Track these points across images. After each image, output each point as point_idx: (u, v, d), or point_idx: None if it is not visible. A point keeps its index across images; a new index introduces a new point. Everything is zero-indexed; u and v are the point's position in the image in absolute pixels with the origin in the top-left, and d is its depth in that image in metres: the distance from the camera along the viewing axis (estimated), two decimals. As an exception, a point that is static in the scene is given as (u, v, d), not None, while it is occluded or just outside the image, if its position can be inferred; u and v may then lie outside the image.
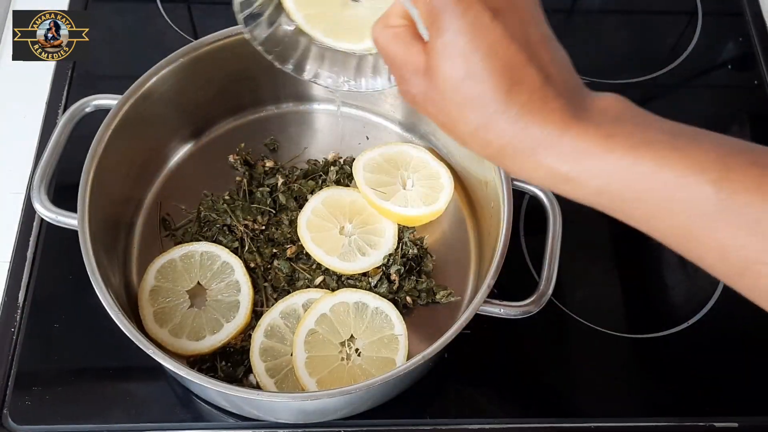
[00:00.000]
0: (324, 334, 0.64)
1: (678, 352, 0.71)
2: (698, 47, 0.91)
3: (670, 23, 0.94)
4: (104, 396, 0.66)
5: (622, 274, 0.75)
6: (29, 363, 0.67)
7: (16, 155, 0.78)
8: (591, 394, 0.69)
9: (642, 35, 0.94)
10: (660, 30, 0.94)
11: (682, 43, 0.91)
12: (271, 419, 0.65)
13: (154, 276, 0.68)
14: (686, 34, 0.92)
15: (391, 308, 0.66)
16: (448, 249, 0.73)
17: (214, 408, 0.66)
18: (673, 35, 0.92)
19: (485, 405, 0.68)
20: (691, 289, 0.75)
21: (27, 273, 0.71)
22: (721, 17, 0.94)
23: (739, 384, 0.70)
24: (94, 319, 0.62)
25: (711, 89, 0.90)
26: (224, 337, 0.65)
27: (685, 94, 0.89)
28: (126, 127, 0.67)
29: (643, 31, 0.94)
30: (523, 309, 0.60)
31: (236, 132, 0.79)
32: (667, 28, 0.94)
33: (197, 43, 0.70)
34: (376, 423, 0.66)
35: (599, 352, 0.71)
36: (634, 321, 0.72)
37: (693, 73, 0.91)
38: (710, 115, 0.87)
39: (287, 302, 0.67)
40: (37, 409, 0.65)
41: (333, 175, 0.75)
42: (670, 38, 0.92)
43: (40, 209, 0.63)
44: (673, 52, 0.90)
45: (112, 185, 0.67)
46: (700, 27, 0.92)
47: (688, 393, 0.69)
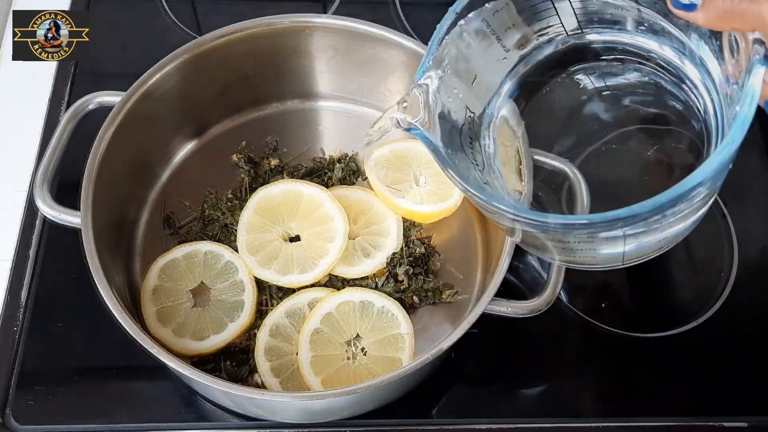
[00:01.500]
0: (329, 333, 0.64)
1: (686, 352, 0.71)
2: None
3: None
4: (107, 396, 0.66)
5: (630, 272, 0.74)
6: (32, 362, 0.66)
7: (19, 153, 0.78)
8: (598, 393, 0.69)
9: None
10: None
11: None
12: (276, 419, 0.65)
13: (156, 275, 0.67)
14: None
15: (396, 307, 0.66)
16: (455, 247, 0.73)
17: (219, 408, 0.65)
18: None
19: (492, 405, 0.67)
20: (699, 287, 0.75)
21: (29, 271, 0.71)
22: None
23: (749, 383, 0.69)
24: (97, 318, 0.61)
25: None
26: (228, 336, 0.65)
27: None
28: (129, 125, 0.66)
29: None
30: (531, 308, 0.59)
31: (240, 129, 0.78)
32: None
33: (201, 40, 0.70)
34: (381, 423, 0.65)
35: (606, 351, 0.70)
36: (642, 320, 0.71)
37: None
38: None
39: (292, 301, 0.66)
40: (39, 409, 0.64)
41: (338, 172, 0.74)
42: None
43: (43, 207, 0.63)
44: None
45: (115, 183, 0.67)
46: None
47: (696, 393, 0.69)
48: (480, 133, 0.59)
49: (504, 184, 0.59)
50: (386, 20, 0.74)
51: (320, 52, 0.75)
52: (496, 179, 0.58)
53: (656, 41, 0.55)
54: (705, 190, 0.47)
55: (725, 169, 0.47)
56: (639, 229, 0.49)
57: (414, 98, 0.55)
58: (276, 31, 0.72)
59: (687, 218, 0.52)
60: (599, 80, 0.60)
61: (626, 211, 0.45)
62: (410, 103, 0.55)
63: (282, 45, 0.74)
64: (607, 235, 0.50)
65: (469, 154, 0.57)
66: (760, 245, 0.77)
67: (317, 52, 0.75)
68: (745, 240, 0.76)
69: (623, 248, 0.52)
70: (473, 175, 0.55)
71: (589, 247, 0.53)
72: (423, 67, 0.56)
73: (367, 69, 0.76)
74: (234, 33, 0.71)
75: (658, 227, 0.50)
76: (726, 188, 0.79)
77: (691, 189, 0.44)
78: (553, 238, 0.54)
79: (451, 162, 0.53)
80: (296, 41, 0.74)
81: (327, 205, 0.69)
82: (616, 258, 0.54)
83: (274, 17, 0.72)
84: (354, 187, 0.74)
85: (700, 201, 0.50)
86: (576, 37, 0.58)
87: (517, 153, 0.61)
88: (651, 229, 0.50)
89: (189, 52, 0.69)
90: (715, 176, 0.45)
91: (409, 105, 0.55)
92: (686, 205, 0.48)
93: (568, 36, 0.58)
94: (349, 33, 0.72)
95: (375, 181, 0.71)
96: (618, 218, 0.45)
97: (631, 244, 0.52)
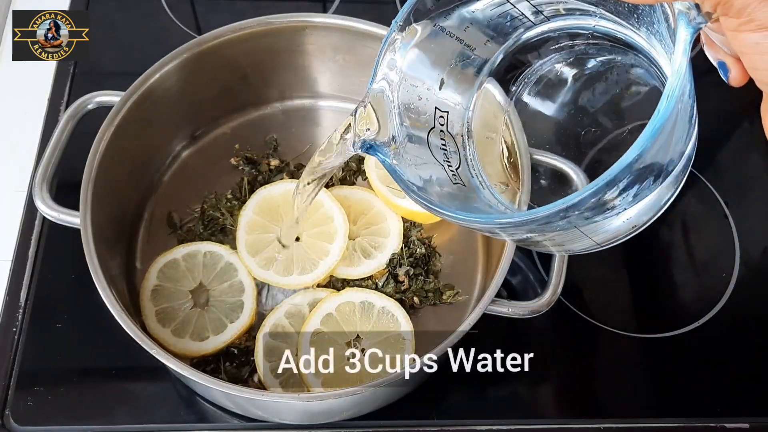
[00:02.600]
0: (329, 334, 0.64)
1: (688, 352, 0.70)
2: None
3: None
4: (107, 396, 0.66)
5: (632, 273, 0.74)
6: (31, 363, 0.66)
7: (18, 153, 0.77)
8: (600, 394, 0.69)
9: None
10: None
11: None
12: (276, 420, 0.65)
13: (156, 275, 0.67)
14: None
15: (397, 308, 0.65)
16: (456, 248, 0.72)
17: (219, 409, 0.65)
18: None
19: (492, 405, 0.67)
20: (701, 288, 0.74)
21: (29, 272, 0.70)
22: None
23: (750, 384, 0.69)
24: (96, 318, 0.61)
25: (721, 85, 0.89)
26: (228, 337, 0.65)
27: (695, 90, 0.88)
28: (129, 124, 0.66)
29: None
30: (532, 308, 0.59)
31: (240, 129, 0.78)
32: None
33: (200, 40, 0.70)
34: (382, 424, 0.65)
35: (608, 352, 0.70)
36: (644, 320, 0.71)
37: (704, 68, 0.90)
38: (721, 111, 0.86)
39: (292, 302, 0.66)
40: (39, 410, 0.64)
41: (339, 172, 0.74)
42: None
43: (42, 207, 0.62)
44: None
45: (115, 183, 0.66)
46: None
47: (698, 393, 0.68)
48: (454, 131, 0.57)
49: (485, 180, 0.57)
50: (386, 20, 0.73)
51: (320, 51, 0.75)
52: (475, 176, 0.57)
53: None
54: (635, 174, 0.41)
55: (664, 145, 0.42)
56: (592, 218, 0.44)
57: (368, 110, 0.53)
58: (276, 30, 0.72)
59: (645, 198, 0.46)
60: (576, 67, 0.57)
61: (561, 202, 0.40)
62: (365, 114, 0.53)
63: (282, 44, 0.74)
64: (557, 228, 0.46)
65: (438, 156, 0.55)
66: (762, 246, 0.77)
67: (317, 52, 0.75)
68: (746, 241, 0.76)
69: (588, 238, 0.49)
70: (439, 184, 0.53)
71: (550, 237, 0.49)
72: (374, 73, 0.54)
73: (367, 68, 0.75)
74: (234, 32, 0.70)
75: (613, 212, 0.45)
76: (727, 189, 0.80)
77: (610, 182, 0.39)
78: (515, 235, 0.50)
79: (411, 186, 0.50)
80: (296, 40, 0.73)
81: (327, 205, 0.69)
82: (589, 245, 0.51)
83: (273, 16, 0.71)
84: (354, 187, 0.74)
85: (648, 181, 0.44)
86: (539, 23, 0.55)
87: (504, 144, 0.59)
88: (606, 217, 0.45)
89: (189, 52, 0.69)
90: (648, 155, 0.40)
91: (363, 118, 0.53)
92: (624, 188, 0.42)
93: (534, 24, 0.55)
94: (349, 32, 0.72)
95: (375, 181, 0.71)
96: (552, 212, 0.41)
97: (593, 233, 0.48)
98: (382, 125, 0.53)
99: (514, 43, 0.56)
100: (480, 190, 0.57)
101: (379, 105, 0.53)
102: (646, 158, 0.41)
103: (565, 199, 0.41)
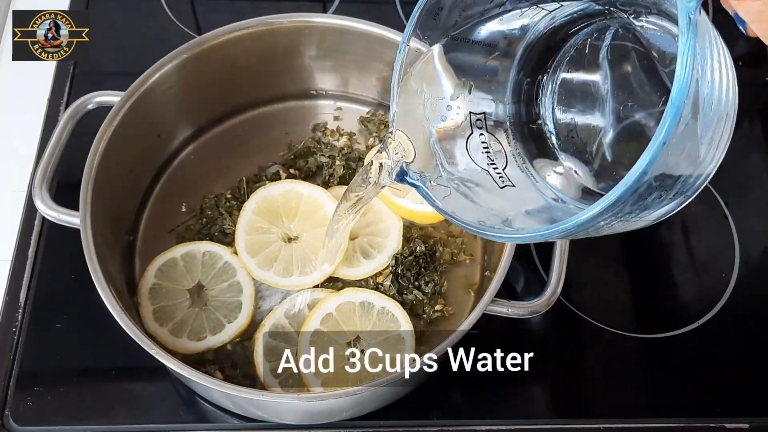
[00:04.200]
0: (329, 334, 0.64)
1: (688, 353, 0.70)
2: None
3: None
4: (107, 397, 0.66)
5: (631, 273, 0.74)
6: (31, 363, 0.66)
7: (18, 153, 0.77)
8: (599, 394, 0.69)
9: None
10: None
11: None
12: (276, 420, 0.65)
13: (154, 274, 0.67)
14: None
15: (397, 308, 0.65)
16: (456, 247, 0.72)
17: (218, 409, 0.65)
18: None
19: (492, 405, 0.67)
20: (701, 288, 0.74)
21: (28, 272, 0.70)
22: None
23: (750, 384, 0.69)
24: (96, 318, 0.61)
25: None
26: (226, 337, 0.65)
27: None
28: (129, 124, 0.66)
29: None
30: (531, 309, 0.59)
31: (239, 129, 0.78)
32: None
33: (200, 39, 0.70)
34: (382, 424, 0.65)
35: (608, 352, 0.70)
36: (644, 321, 0.71)
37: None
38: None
39: (292, 302, 0.66)
40: (38, 410, 0.64)
41: (340, 170, 0.74)
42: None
43: (42, 207, 0.62)
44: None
45: (115, 183, 0.66)
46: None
47: (698, 394, 0.68)
48: (495, 129, 0.56)
49: (534, 173, 0.55)
50: (386, 20, 0.73)
51: (320, 51, 0.75)
52: (525, 170, 0.55)
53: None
54: (653, 186, 0.39)
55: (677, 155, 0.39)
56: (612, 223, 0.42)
57: (399, 136, 0.52)
58: (276, 30, 0.72)
59: (658, 207, 0.44)
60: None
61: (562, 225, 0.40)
62: (395, 142, 0.52)
63: (282, 44, 0.74)
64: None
65: (482, 161, 0.54)
66: (762, 246, 0.77)
67: (317, 52, 0.75)
68: (746, 241, 0.76)
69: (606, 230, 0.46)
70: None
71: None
72: (393, 98, 0.52)
73: (367, 68, 0.76)
74: (233, 32, 0.70)
75: (627, 220, 0.43)
76: (727, 189, 0.80)
77: (620, 198, 0.38)
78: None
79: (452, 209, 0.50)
80: (296, 40, 0.73)
81: (327, 206, 0.69)
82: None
83: (273, 16, 0.71)
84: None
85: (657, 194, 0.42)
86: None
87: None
88: (624, 222, 0.43)
89: (188, 52, 0.69)
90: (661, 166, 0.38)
91: (395, 145, 0.52)
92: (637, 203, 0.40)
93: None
94: (349, 32, 0.72)
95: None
96: (560, 230, 0.41)
97: (611, 228, 0.45)
98: (418, 151, 0.52)
99: (536, 31, 0.55)
100: (533, 182, 0.55)
101: (410, 130, 0.52)
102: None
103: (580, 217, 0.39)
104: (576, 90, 0.56)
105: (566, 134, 0.56)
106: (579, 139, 0.56)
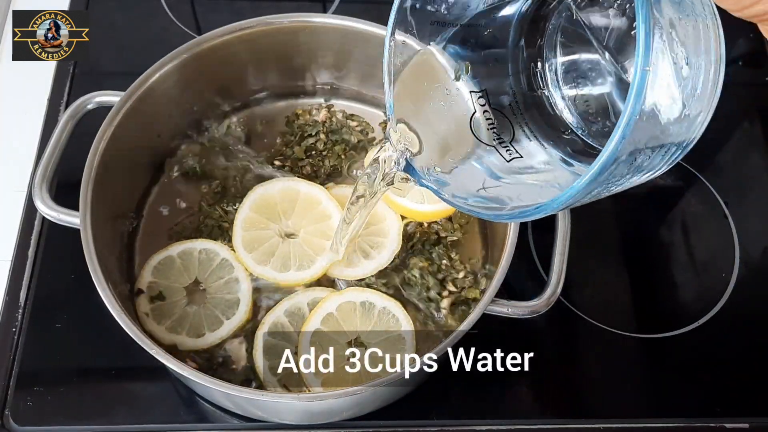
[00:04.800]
0: (330, 334, 0.64)
1: (688, 352, 0.70)
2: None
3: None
4: (107, 396, 0.66)
5: (631, 273, 0.74)
6: (31, 363, 0.66)
7: (18, 153, 0.77)
8: (600, 394, 0.69)
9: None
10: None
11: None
12: (276, 420, 0.65)
13: (150, 273, 0.67)
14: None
15: (398, 308, 0.65)
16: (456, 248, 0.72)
17: (219, 409, 0.65)
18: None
19: (492, 405, 0.67)
20: (701, 288, 0.74)
21: (28, 272, 0.70)
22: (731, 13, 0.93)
23: (750, 384, 0.69)
24: (96, 318, 0.61)
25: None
26: (224, 334, 0.65)
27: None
28: (128, 124, 0.66)
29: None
30: (531, 309, 0.59)
31: (240, 127, 0.78)
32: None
33: (200, 39, 0.70)
34: (382, 424, 0.65)
35: (608, 352, 0.70)
36: (644, 321, 0.71)
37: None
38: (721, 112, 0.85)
39: (292, 301, 0.66)
40: (38, 410, 0.64)
41: (321, 144, 0.74)
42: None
43: (42, 207, 0.62)
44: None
45: (115, 183, 0.66)
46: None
47: (698, 394, 0.68)
48: (500, 103, 0.55)
49: (543, 139, 0.54)
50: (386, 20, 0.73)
51: (320, 51, 0.75)
52: (533, 139, 0.54)
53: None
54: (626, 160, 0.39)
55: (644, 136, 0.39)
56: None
57: (400, 127, 0.52)
58: (276, 30, 0.72)
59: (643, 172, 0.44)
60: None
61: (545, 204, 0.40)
62: (399, 134, 0.52)
63: (282, 44, 0.74)
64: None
65: (487, 138, 0.53)
66: (762, 246, 0.77)
67: (317, 52, 0.75)
68: (746, 241, 0.76)
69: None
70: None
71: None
72: (388, 93, 0.52)
73: (367, 68, 0.76)
74: (233, 32, 0.70)
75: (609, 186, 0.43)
76: (727, 189, 0.80)
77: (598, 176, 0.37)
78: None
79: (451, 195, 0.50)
80: (296, 40, 0.73)
81: (325, 203, 0.69)
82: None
83: (273, 16, 0.71)
84: (353, 185, 0.74)
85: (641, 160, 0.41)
86: None
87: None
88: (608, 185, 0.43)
89: (188, 52, 0.69)
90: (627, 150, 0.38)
91: (398, 137, 0.52)
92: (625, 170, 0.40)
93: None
94: (348, 32, 0.72)
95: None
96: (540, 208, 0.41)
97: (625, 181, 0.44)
98: (424, 140, 0.52)
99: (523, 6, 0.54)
100: (543, 148, 0.54)
101: (412, 120, 0.52)
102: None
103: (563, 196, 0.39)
104: (575, 49, 0.55)
105: (572, 97, 0.56)
106: (584, 101, 0.55)
